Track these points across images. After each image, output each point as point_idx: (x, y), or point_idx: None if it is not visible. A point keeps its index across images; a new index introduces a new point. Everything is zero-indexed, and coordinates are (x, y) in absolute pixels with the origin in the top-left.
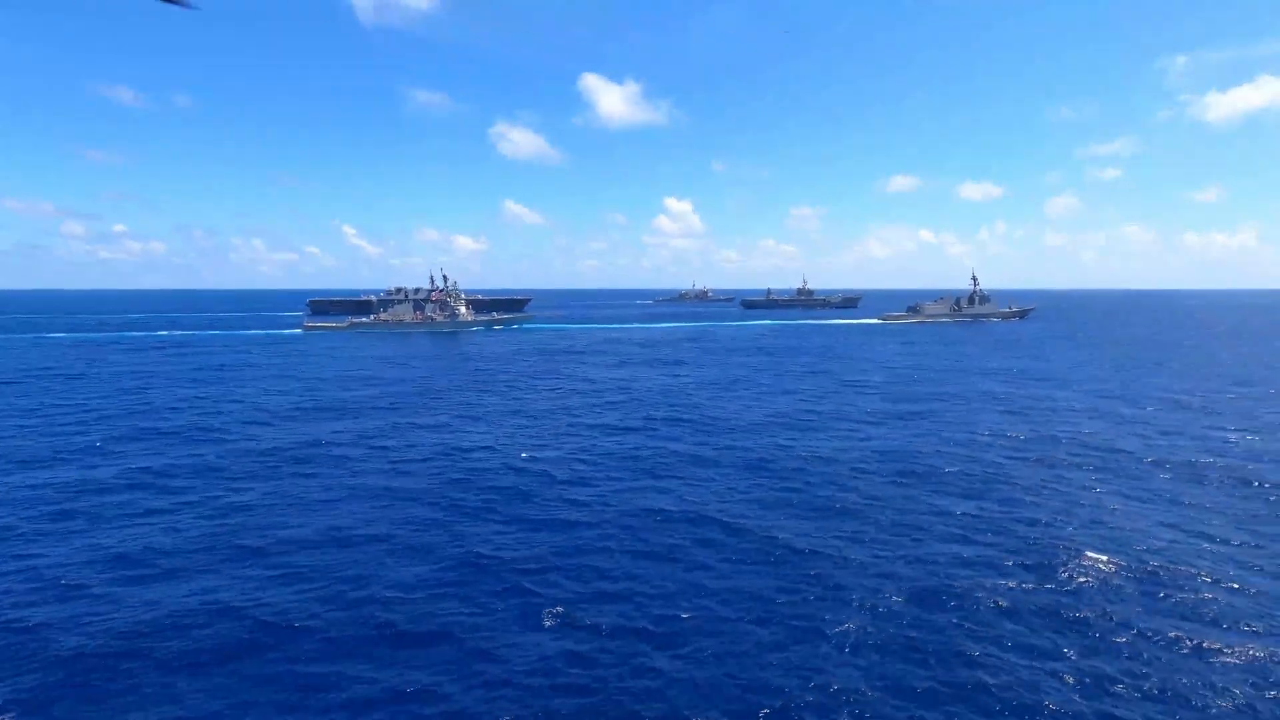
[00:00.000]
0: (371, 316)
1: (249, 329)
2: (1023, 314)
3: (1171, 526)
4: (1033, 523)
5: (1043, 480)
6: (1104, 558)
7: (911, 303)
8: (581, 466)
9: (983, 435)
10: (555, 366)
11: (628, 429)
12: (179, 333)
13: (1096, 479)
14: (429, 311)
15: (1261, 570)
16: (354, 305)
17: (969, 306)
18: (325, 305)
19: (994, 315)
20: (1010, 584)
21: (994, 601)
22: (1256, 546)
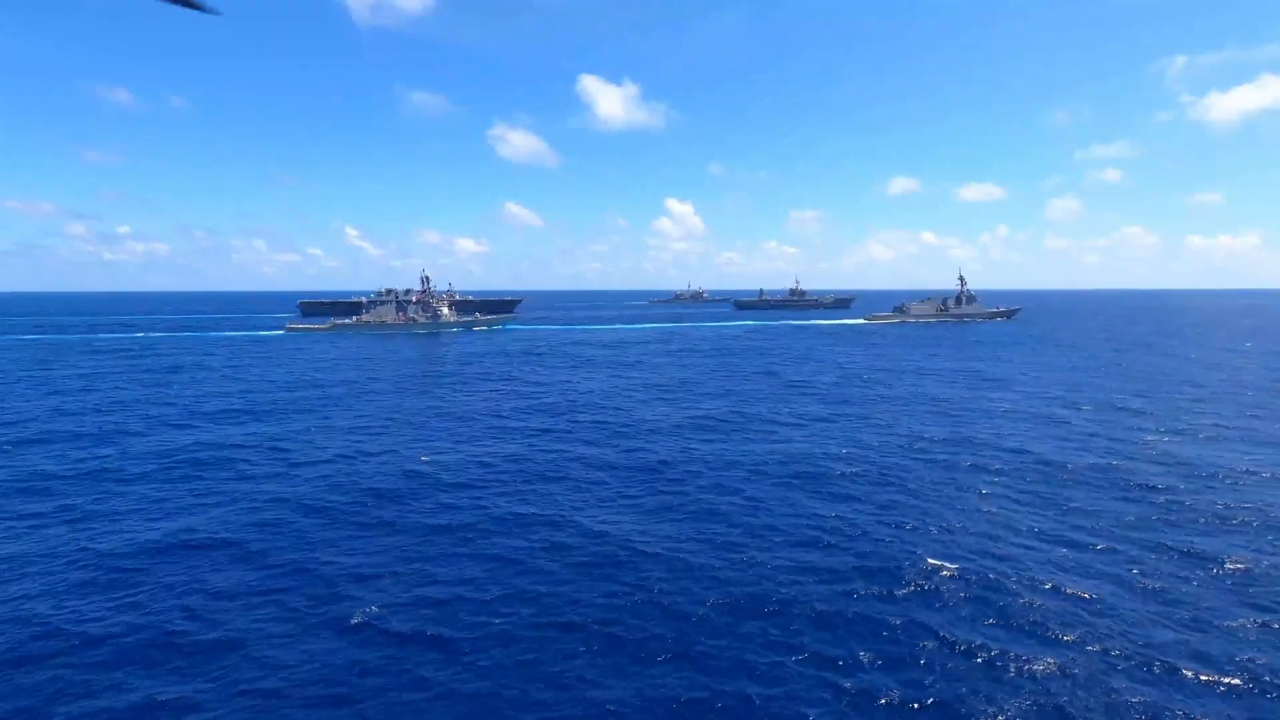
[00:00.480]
0: (354, 318)
1: (232, 330)
2: (1010, 314)
3: (1035, 533)
4: (898, 525)
5: (934, 482)
6: (947, 564)
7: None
8: (477, 470)
9: (898, 436)
10: (511, 368)
11: (545, 431)
12: (156, 334)
13: (988, 481)
14: (411, 313)
15: (1096, 576)
16: (344, 306)
17: (955, 307)
18: (315, 306)
19: (980, 316)
20: (837, 589)
21: (811, 609)
22: (1111, 552)
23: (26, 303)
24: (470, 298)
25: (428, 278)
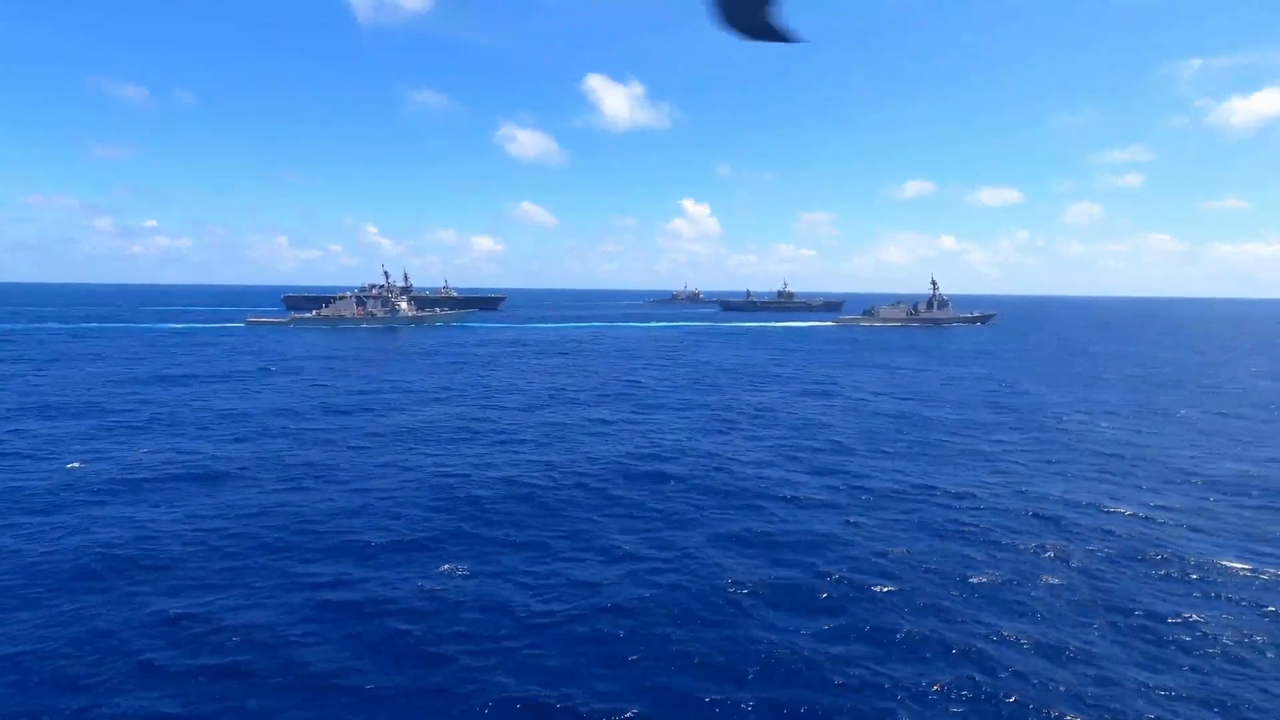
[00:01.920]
0: (314, 312)
1: (192, 323)
2: (984, 320)
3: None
4: (652, 540)
5: (725, 483)
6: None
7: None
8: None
9: (734, 440)
10: (411, 367)
11: (369, 435)
12: (111, 325)
13: (772, 486)
14: (370, 307)
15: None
16: (326, 301)
17: (926, 311)
18: (298, 301)
19: (952, 321)
20: (547, 606)
21: (515, 623)
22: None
23: (28, 294)
24: (453, 293)
25: (387, 274)
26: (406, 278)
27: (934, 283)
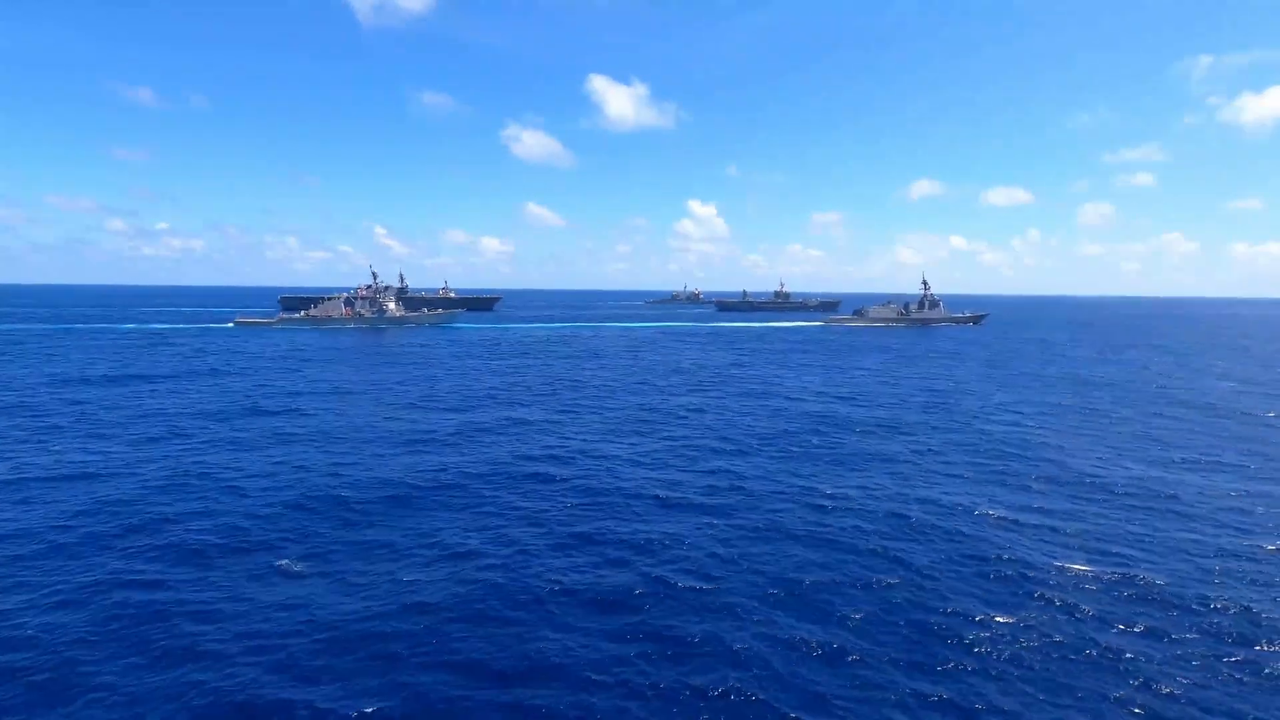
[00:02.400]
0: (303, 313)
1: (181, 324)
2: (976, 320)
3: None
4: (496, 538)
5: (603, 484)
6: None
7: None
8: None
9: (619, 438)
10: (367, 367)
11: (279, 435)
12: (96, 325)
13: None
14: (357, 308)
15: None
16: (317, 302)
17: (917, 311)
18: (294, 302)
19: (943, 320)
20: (353, 605)
21: (310, 621)
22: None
23: (40, 295)
24: (453, 294)
25: (375, 274)
26: (402, 278)
27: (925, 283)
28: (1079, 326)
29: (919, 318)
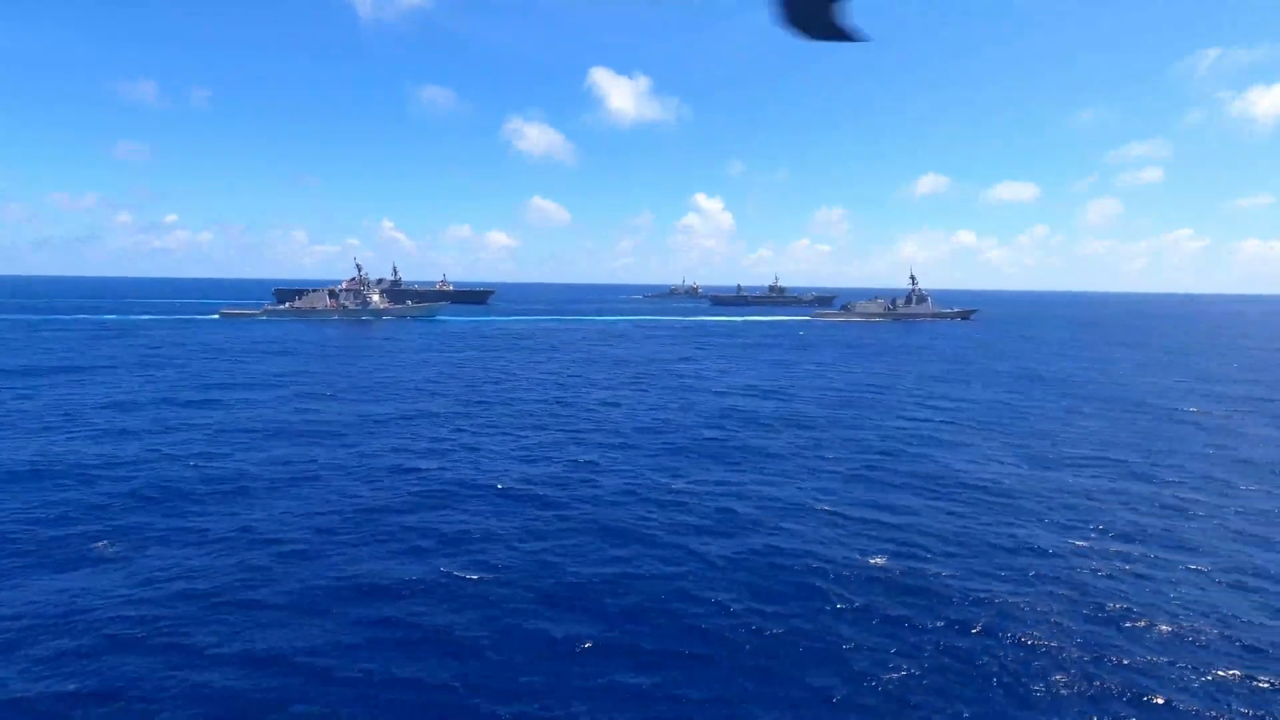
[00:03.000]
0: (287, 304)
1: (164, 315)
2: (965, 315)
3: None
4: (308, 527)
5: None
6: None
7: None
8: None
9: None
10: (315, 357)
11: (171, 429)
12: (65, 317)
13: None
14: (342, 299)
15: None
16: (301, 294)
17: (905, 306)
18: (287, 294)
19: (930, 316)
20: (132, 591)
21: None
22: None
23: (42, 288)
24: (451, 287)
25: (359, 267)
26: (395, 272)
27: (913, 278)
28: (1080, 325)
29: (905, 313)
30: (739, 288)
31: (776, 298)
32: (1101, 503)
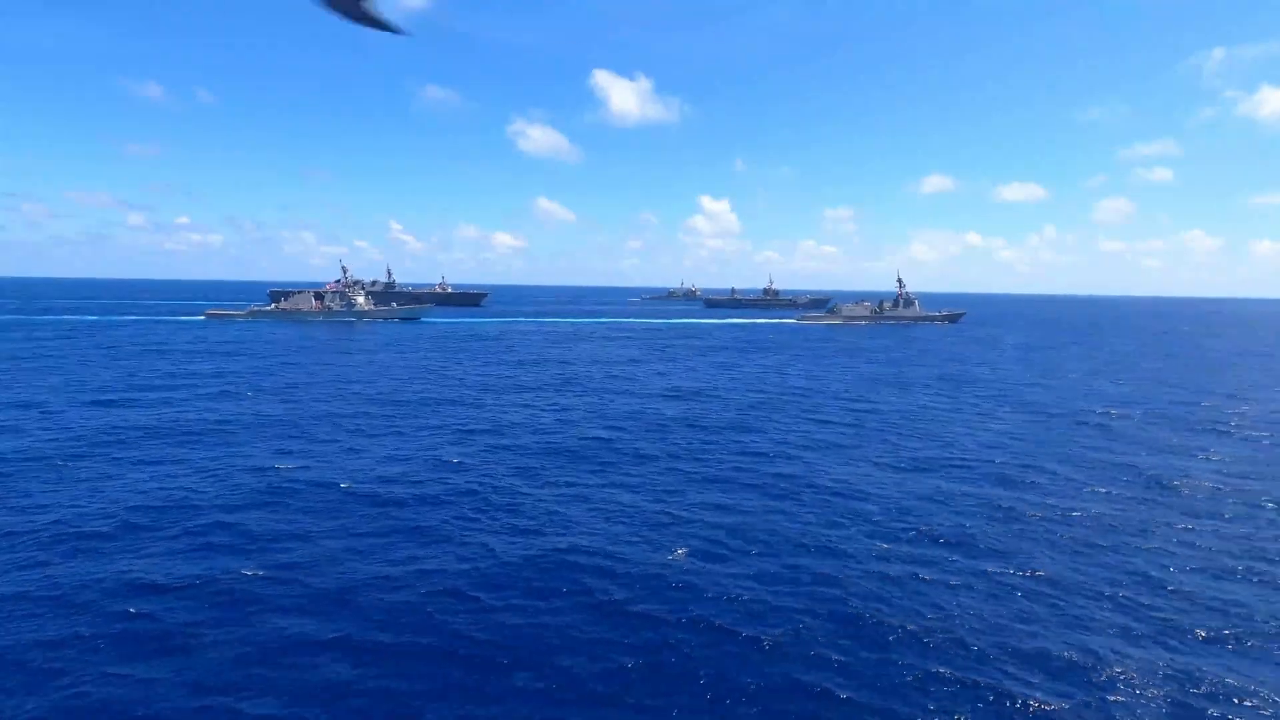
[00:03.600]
0: (273, 305)
1: (149, 316)
2: (953, 319)
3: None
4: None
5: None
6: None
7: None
8: None
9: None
10: (275, 356)
11: (85, 429)
12: (42, 318)
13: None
14: (327, 301)
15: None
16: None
17: (892, 309)
18: (281, 296)
19: (918, 319)
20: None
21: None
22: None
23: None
24: (450, 289)
25: (345, 269)
26: (389, 274)
27: (900, 281)
28: (1082, 330)
29: (892, 315)
30: (733, 290)
31: (770, 300)
32: (942, 504)
